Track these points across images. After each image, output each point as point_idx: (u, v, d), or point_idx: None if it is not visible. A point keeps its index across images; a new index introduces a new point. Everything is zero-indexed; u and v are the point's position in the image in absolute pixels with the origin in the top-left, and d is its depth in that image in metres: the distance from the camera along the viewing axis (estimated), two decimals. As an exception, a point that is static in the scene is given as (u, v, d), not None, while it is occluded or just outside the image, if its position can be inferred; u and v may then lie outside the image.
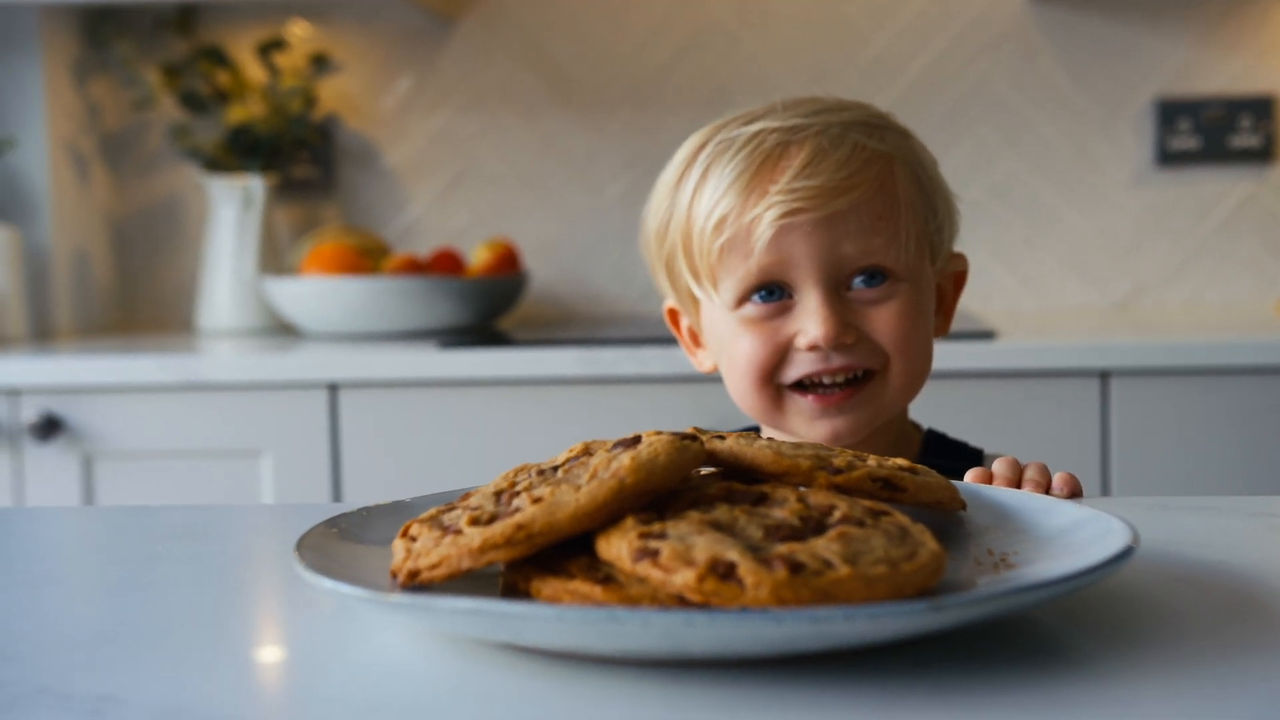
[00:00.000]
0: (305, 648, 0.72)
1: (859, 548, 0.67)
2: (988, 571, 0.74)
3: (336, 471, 2.15)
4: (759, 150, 1.17)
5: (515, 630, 0.62)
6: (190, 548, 0.95)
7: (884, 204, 1.17)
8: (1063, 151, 2.62)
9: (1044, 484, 0.98)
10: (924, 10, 2.63)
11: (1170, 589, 0.77)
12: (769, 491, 0.75)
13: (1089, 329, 2.26)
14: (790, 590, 0.63)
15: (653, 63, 2.68)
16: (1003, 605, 0.62)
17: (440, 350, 2.15)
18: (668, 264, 1.25)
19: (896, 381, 1.19)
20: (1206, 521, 0.94)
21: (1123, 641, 0.68)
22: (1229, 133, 2.58)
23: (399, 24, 2.71)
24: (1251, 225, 2.59)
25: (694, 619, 0.59)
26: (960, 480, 0.89)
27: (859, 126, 1.20)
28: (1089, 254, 2.63)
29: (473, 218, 2.73)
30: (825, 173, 1.15)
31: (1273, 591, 0.77)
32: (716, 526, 0.70)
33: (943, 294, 1.29)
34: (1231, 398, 2.02)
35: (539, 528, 0.68)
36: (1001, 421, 2.08)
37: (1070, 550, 0.73)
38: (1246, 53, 2.57)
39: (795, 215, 1.15)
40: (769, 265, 1.17)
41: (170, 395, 2.15)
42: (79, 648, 0.72)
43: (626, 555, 0.67)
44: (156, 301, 2.78)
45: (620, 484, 0.70)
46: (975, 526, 0.81)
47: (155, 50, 2.71)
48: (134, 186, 2.76)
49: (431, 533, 0.73)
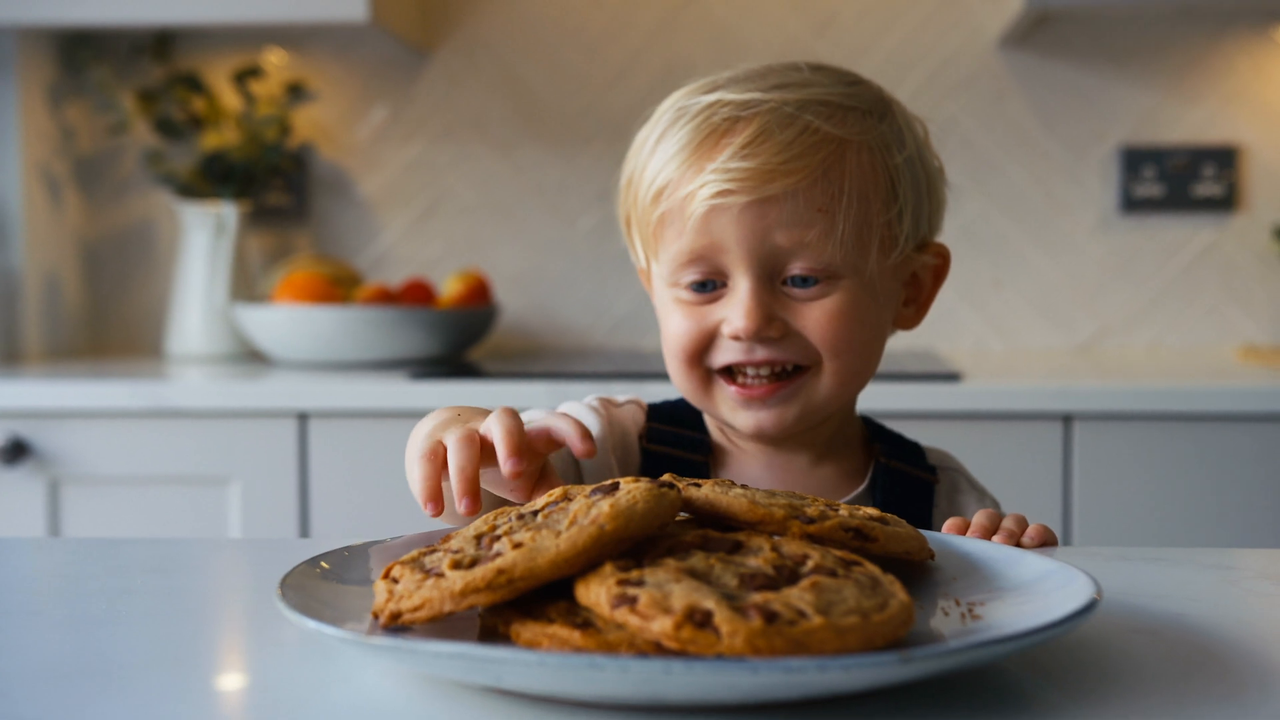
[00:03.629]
0: (282, 686, 0.73)
1: (831, 598, 0.69)
2: (954, 622, 0.76)
3: (305, 500, 2.15)
4: (707, 123, 1.13)
5: (496, 674, 0.64)
6: (161, 581, 0.96)
7: (825, 194, 1.12)
8: (1030, 195, 2.65)
9: (1018, 534, 0.99)
10: (895, 51, 2.66)
11: (1130, 640, 0.79)
12: (744, 539, 0.77)
13: (1053, 372, 2.29)
14: (764, 639, 0.64)
15: (627, 96, 2.71)
16: (970, 658, 0.64)
17: (411, 381, 2.16)
18: (627, 220, 1.23)
19: (829, 380, 1.16)
20: (1163, 573, 0.96)
21: (1087, 693, 0.70)
22: (1192, 181, 2.62)
23: (375, 54, 2.73)
24: (1213, 272, 2.64)
25: (672, 667, 0.61)
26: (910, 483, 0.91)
27: (818, 106, 1.14)
28: (1055, 297, 2.66)
29: (444, 248, 2.75)
30: (764, 154, 1.10)
31: (1229, 644, 0.79)
32: (693, 574, 0.71)
33: (918, 284, 1.24)
34: (1193, 443, 2.05)
35: (520, 573, 0.70)
36: (965, 462, 2.10)
37: (1034, 601, 0.75)
38: (1210, 103, 2.62)
39: (726, 196, 1.11)
40: (700, 247, 1.13)
41: (139, 421, 2.15)
42: (49, 682, 0.72)
43: (605, 602, 0.69)
44: (126, 326, 2.78)
45: (600, 530, 0.72)
46: (943, 575, 0.83)
47: (131, 75, 2.72)
48: (106, 211, 2.77)
49: (414, 575, 0.74)
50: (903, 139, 1.18)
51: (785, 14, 2.68)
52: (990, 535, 0.99)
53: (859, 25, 2.67)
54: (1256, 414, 2.04)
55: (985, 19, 2.65)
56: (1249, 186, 2.62)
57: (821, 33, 2.67)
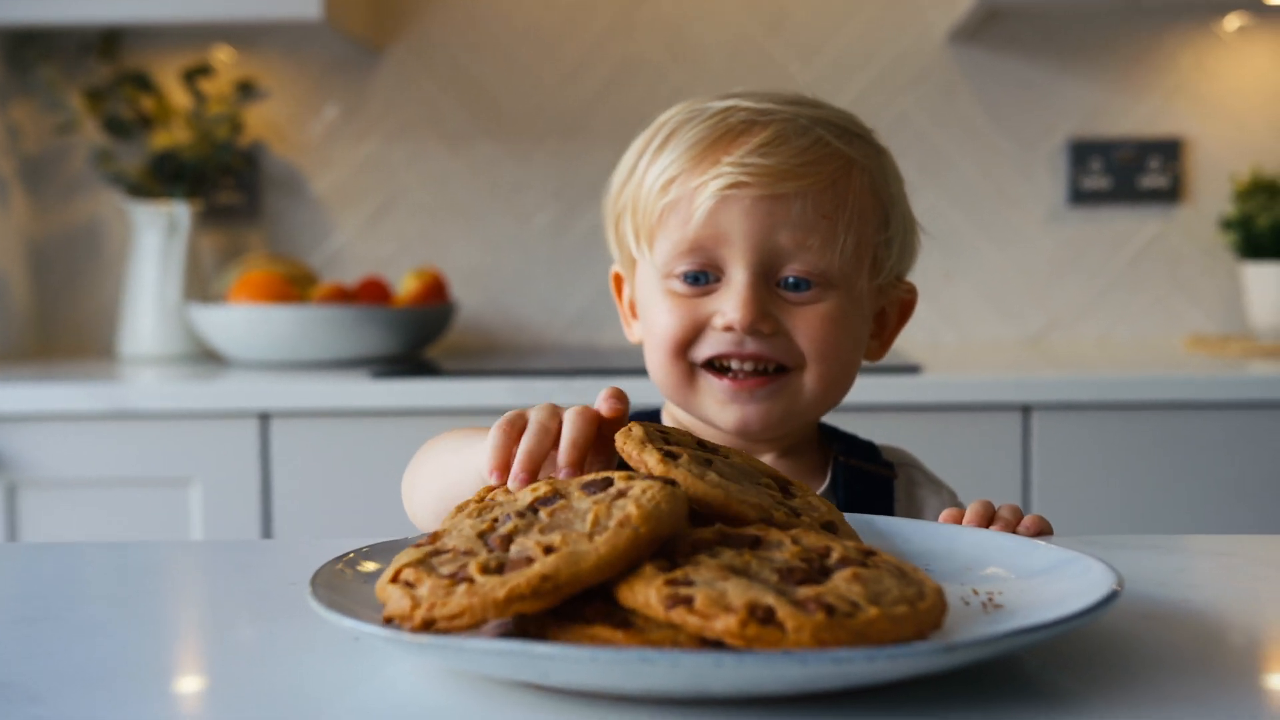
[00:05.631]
0: (317, 688, 0.73)
1: (876, 588, 0.70)
2: (977, 611, 0.77)
3: (267, 501, 2.14)
4: (724, 123, 1.17)
5: (544, 671, 0.64)
6: (123, 586, 0.95)
7: (831, 202, 1.16)
8: (980, 188, 2.69)
9: (1014, 524, 1.01)
10: (848, 48, 2.69)
11: (1139, 626, 0.81)
12: (761, 534, 0.78)
13: (1010, 363, 2.32)
14: (829, 632, 0.66)
15: (581, 94, 2.71)
16: (1010, 645, 0.65)
17: (373, 380, 2.15)
18: (617, 222, 1.25)
19: (812, 385, 1.18)
20: (1160, 560, 0.98)
21: (1106, 680, 0.71)
22: (1138, 173, 2.66)
23: (326, 52, 2.72)
24: (1159, 263, 2.68)
25: (722, 660, 0.62)
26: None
27: (829, 125, 1.19)
28: (1006, 288, 2.70)
29: (398, 246, 2.74)
30: (780, 156, 1.14)
31: (1237, 628, 0.82)
32: (735, 571, 0.72)
33: (884, 319, 1.27)
34: (1151, 432, 2.09)
35: (565, 578, 0.70)
36: (925, 455, 2.12)
37: (1051, 589, 0.77)
38: (1155, 96, 2.66)
39: (739, 188, 1.14)
40: (704, 238, 1.15)
41: (98, 423, 2.13)
42: (7, 690, 0.72)
43: (657, 603, 0.69)
44: (75, 327, 2.75)
45: (635, 534, 0.72)
46: (956, 566, 0.85)
47: (79, 74, 2.69)
48: (54, 211, 2.74)
49: (434, 579, 0.73)
50: (895, 177, 1.24)
51: (737, 13, 2.70)
52: (987, 524, 1.01)
53: (811, 23, 2.69)
54: (1211, 402, 2.08)
55: (935, 16, 2.68)
56: (1193, 178, 2.66)
57: (774, 31, 2.69)
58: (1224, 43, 2.65)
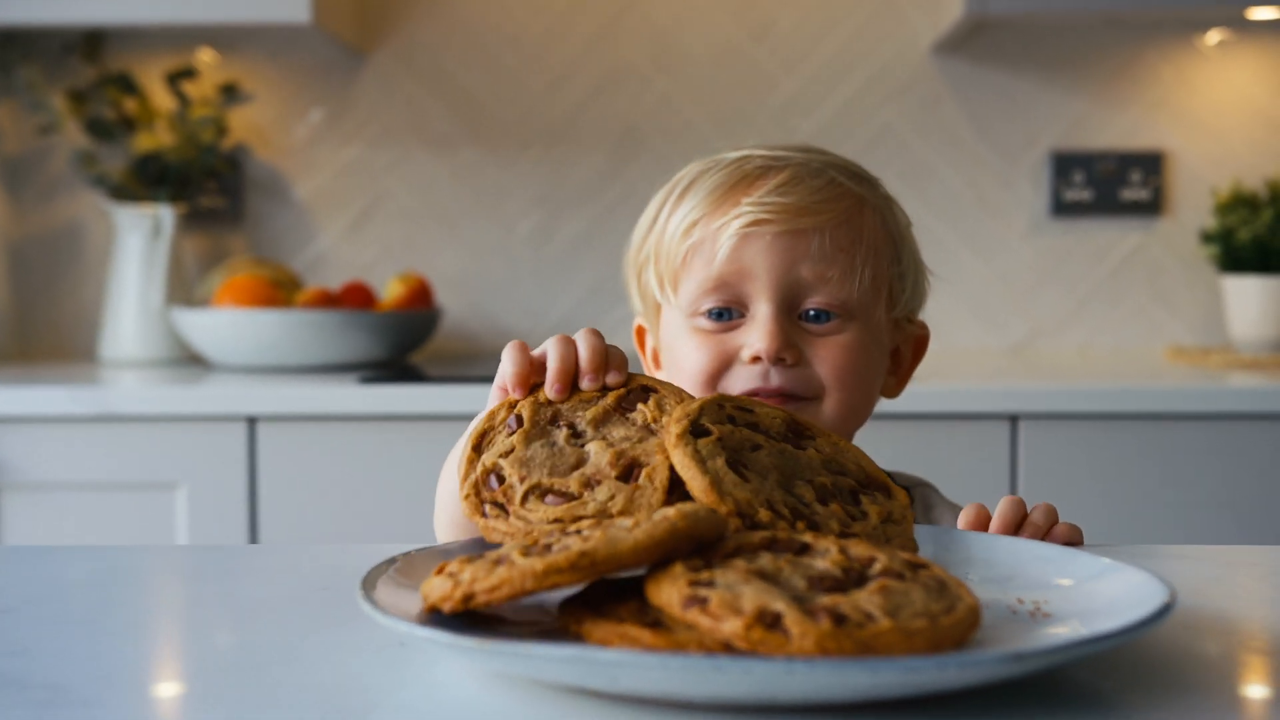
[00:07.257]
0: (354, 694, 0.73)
1: (899, 601, 0.70)
2: (1026, 620, 0.77)
3: (253, 505, 2.13)
4: (740, 170, 1.23)
5: (613, 677, 0.64)
6: (106, 591, 0.94)
7: (848, 237, 1.21)
8: (963, 198, 2.70)
9: (1045, 528, 1.01)
10: (832, 58, 2.70)
11: (1180, 636, 0.81)
12: (811, 541, 0.79)
13: (996, 373, 2.33)
14: (834, 641, 0.66)
15: (565, 101, 2.71)
16: (1076, 654, 0.66)
17: (361, 385, 2.14)
18: (640, 273, 1.29)
19: (831, 412, 1.22)
20: (1190, 570, 0.99)
21: (1160, 691, 0.71)
22: (1120, 185, 2.68)
23: (311, 56, 2.71)
24: (1140, 275, 2.70)
25: (794, 667, 0.62)
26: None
27: (840, 168, 1.25)
28: (988, 298, 2.71)
29: (382, 251, 2.73)
30: (797, 194, 1.20)
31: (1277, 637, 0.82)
32: (762, 576, 0.73)
33: (899, 357, 1.32)
34: (1139, 442, 2.10)
35: (602, 555, 0.71)
36: (913, 464, 2.13)
37: (1101, 600, 0.77)
38: (1137, 109, 2.68)
39: (760, 225, 1.19)
40: (727, 274, 1.20)
41: (83, 426, 2.12)
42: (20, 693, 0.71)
43: (676, 602, 0.70)
44: (55, 330, 2.73)
45: (673, 526, 0.74)
46: (998, 574, 0.85)
47: (61, 76, 2.67)
48: (35, 212, 2.72)
49: (479, 564, 0.75)
50: (903, 218, 1.30)
51: (723, 21, 2.70)
52: (1015, 527, 1.01)
53: (797, 32, 2.70)
54: (1196, 413, 2.10)
55: (920, 27, 2.69)
56: (1174, 191, 2.69)
57: (759, 39, 2.70)
58: (1205, 57, 2.67)
